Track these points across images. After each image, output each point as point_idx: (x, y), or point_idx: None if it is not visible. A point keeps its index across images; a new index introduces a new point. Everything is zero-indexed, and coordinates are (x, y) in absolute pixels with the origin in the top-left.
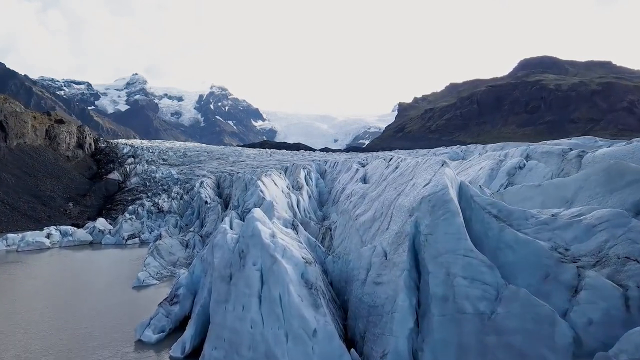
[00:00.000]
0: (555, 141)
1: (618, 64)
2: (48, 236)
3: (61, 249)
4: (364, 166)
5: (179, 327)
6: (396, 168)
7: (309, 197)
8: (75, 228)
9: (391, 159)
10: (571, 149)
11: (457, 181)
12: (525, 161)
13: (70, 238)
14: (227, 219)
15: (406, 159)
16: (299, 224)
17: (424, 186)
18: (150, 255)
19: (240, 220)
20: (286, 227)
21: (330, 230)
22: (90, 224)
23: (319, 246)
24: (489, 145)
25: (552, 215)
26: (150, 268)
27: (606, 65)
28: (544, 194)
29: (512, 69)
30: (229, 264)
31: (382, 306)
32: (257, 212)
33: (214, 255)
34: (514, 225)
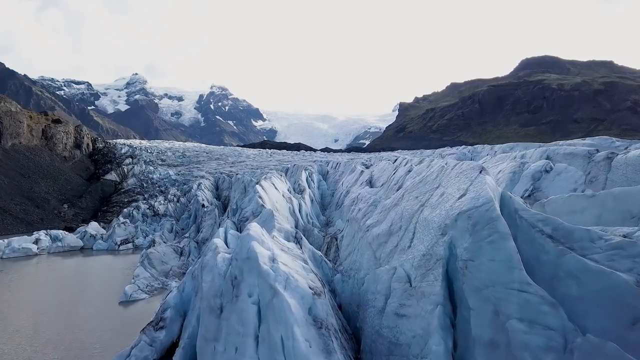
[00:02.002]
0: (570, 141)
1: (619, 64)
2: (36, 242)
3: (50, 255)
4: (368, 167)
5: (166, 355)
6: (409, 171)
7: (312, 200)
8: (66, 232)
9: (396, 160)
10: (597, 151)
11: (499, 192)
12: (552, 164)
13: (60, 244)
14: (220, 230)
15: (412, 160)
16: (302, 237)
17: (458, 198)
18: (140, 265)
19: (237, 230)
20: (288, 241)
21: (336, 240)
22: (81, 229)
23: (325, 261)
24: (498, 146)
25: (625, 237)
26: (139, 280)
27: (608, 65)
28: (601, 207)
29: (513, 69)
30: (219, 292)
31: (407, 346)
32: (254, 228)
33: (202, 278)
34: (576, 249)
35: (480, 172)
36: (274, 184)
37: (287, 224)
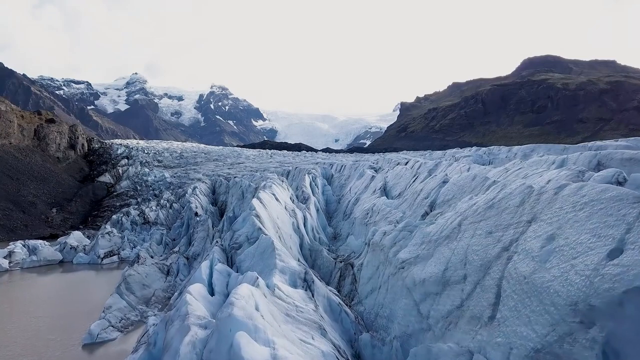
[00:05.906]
0: (599, 143)
1: (622, 63)
2: (9, 255)
3: (23, 271)
4: (377, 171)
5: None
6: (444, 182)
7: (317, 210)
8: (46, 243)
9: (407, 162)
10: None
11: None
12: (624, 174)
13: (35, 257)
14: (203, 266)
15: (426, 163)
16: (314, 279)
17: (608, 256)
18: (115, 292)
19: (228, 261)
20: (295, 286)
21: (352, 267)
22: (62, 239)
23: (345, 312)
24: (516, 147)
25: None
26: (111, 313)
27: (610, 64)
28: None
29: (515, 68)
30: None
31: None
32: (240, 302)
33: None
34: None
35: (637, 202)
36: (274, 194)
37: (292, 260)
